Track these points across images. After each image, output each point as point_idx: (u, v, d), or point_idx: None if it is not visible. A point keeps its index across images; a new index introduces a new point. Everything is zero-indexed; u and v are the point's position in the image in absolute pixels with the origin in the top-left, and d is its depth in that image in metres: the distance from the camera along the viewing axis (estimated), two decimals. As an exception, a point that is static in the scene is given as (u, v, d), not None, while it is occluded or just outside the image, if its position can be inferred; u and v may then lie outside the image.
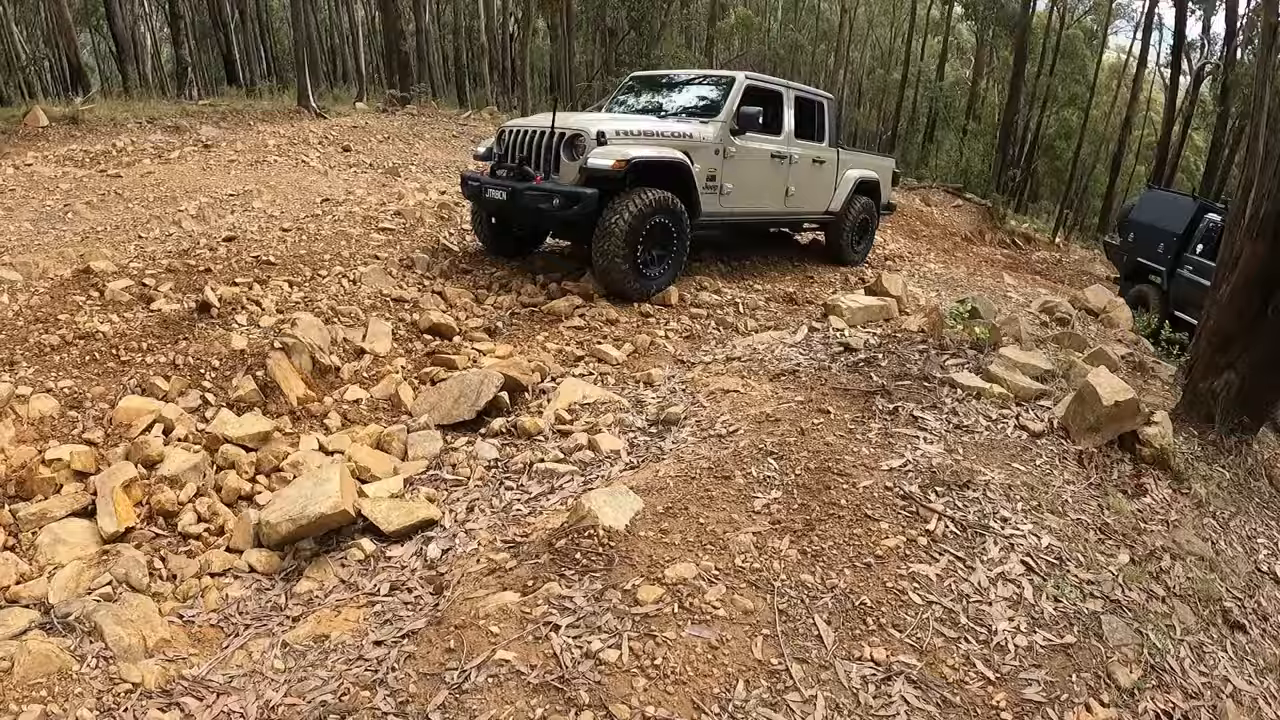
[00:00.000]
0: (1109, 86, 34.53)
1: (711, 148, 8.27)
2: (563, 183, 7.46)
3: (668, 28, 24.90)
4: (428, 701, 2.59)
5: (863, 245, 11.36)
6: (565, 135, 7.54)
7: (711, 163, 8.28)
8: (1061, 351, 5.78)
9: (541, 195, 7.35)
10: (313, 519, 3.84)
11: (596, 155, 7.19)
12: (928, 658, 2.81)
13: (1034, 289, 11.98)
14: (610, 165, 7.12)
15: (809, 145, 9.91)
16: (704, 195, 8.14)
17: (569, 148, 7.49)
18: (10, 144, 10.44)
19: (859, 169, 10.91)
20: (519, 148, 7.93)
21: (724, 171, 8.44)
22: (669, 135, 7.91)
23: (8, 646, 3.05)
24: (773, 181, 9.33)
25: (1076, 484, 3.96)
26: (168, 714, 2.80)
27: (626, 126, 7.67)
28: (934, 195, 18.78)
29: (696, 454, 4.14)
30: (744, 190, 8.79)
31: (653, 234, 7.55)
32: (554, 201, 7.25)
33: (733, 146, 8.49)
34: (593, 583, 3.03)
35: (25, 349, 5.22)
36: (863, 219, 11.03)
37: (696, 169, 7.97)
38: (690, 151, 7.95)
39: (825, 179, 10.34)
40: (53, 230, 7.43)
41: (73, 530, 3.96)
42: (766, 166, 9.15)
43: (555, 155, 7.56)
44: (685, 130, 8.13)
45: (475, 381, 5.30)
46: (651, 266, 7.72)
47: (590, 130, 7.38)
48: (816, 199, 10.30)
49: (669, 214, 7.64)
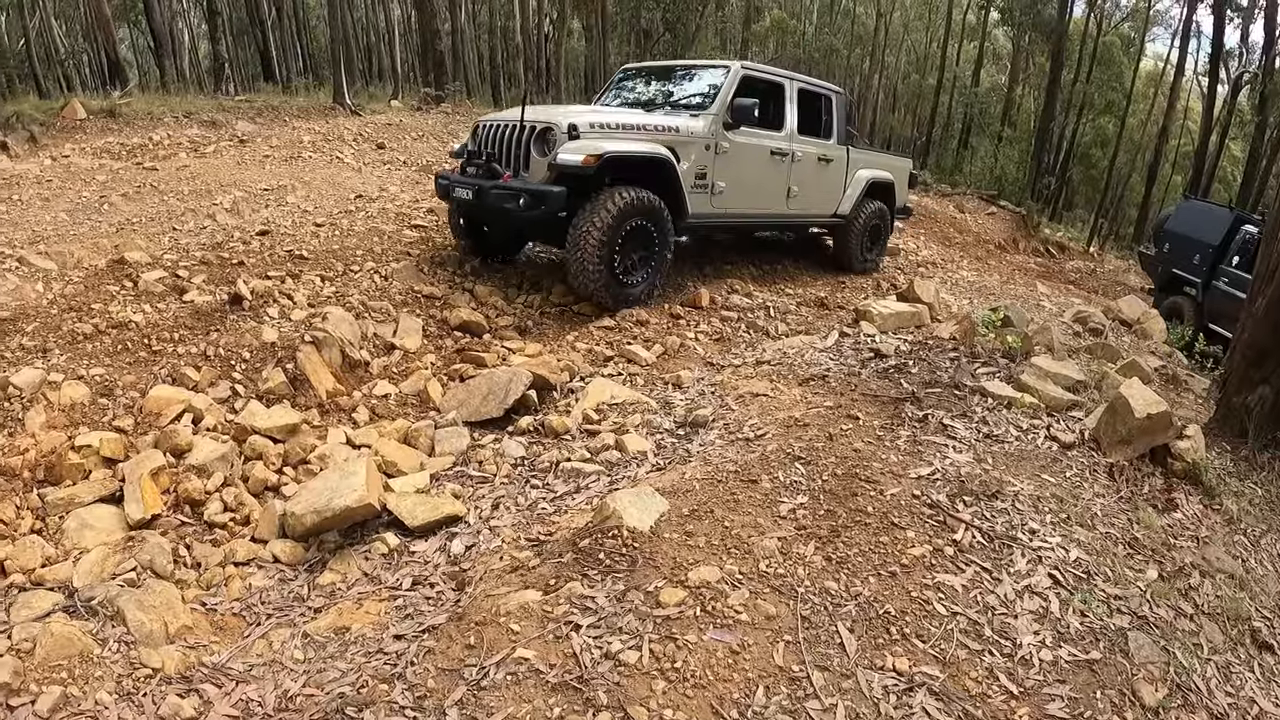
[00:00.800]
0: (1146, 94, 34.18)
1: (701, 143, 7.70)
2: (532, 180, 6.91)
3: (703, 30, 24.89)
4: (446, 697, 2.58)
5: (874, 253, 10.73)
6: (535, 129, 6.99)
7: (702, 159, 7.72)
8: (1094, 362, 5.71)
9: (507, 194, 6.81)
10: (338, 512, 3.87)
11: (567, 150, 6.64)
12: (951, 669, 2.78)
13: (1067, 298, 11.84)
14: (580, 161, 6.53)
15: (814, 142, 9.29)
16: (693, 195, 7.62)
17: (539, 142, 6.94)
18: (48, 136, 10.57)
19: (871, 169, 10.26)
20: (490, 143, 7.43)
21: (716, 169, 7.87)
22: (653, 129, 7.33)
23: (31, 628, 3.11)
24: (772, 181, 8.75)
25: (1106, 497, 3.91)
26: (186, 700, 2.82)
27: (604, 119, 7.10)
28: (968, 202, 18.59)
29: (724, 457, 4.12)
30: (739, 189, 8.22)
31: (631, 238, 7.05)
32: (519, 201, 6.70)
33: (726, 142, 7.91)
34: (615, 583, 3.02)
35: (58, 336, 5.29)
36: (875, 224, 10.38)
37: (683, 166, 7.45)
38: (677, 147, 7.40)
39: (833, 179, 9.70)
40: (88, 221, 7.51)
41: (100, 516, 4.02)
42: (765, 164, 8.57)
43: (525, 151, 7.03)
44: (672, 124, 7.57)
45: (504, 379, 5.30)
46: (631, 274, 7.24)
47: (561, 123, 6.83)
48: (823, 201, 9.67)
49: (649, 216, 7.12)
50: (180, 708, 2.76)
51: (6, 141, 9.86)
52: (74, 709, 2.75)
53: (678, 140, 7.43)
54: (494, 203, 6.90)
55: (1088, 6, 29.80)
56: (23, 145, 10.07)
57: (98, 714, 2.74)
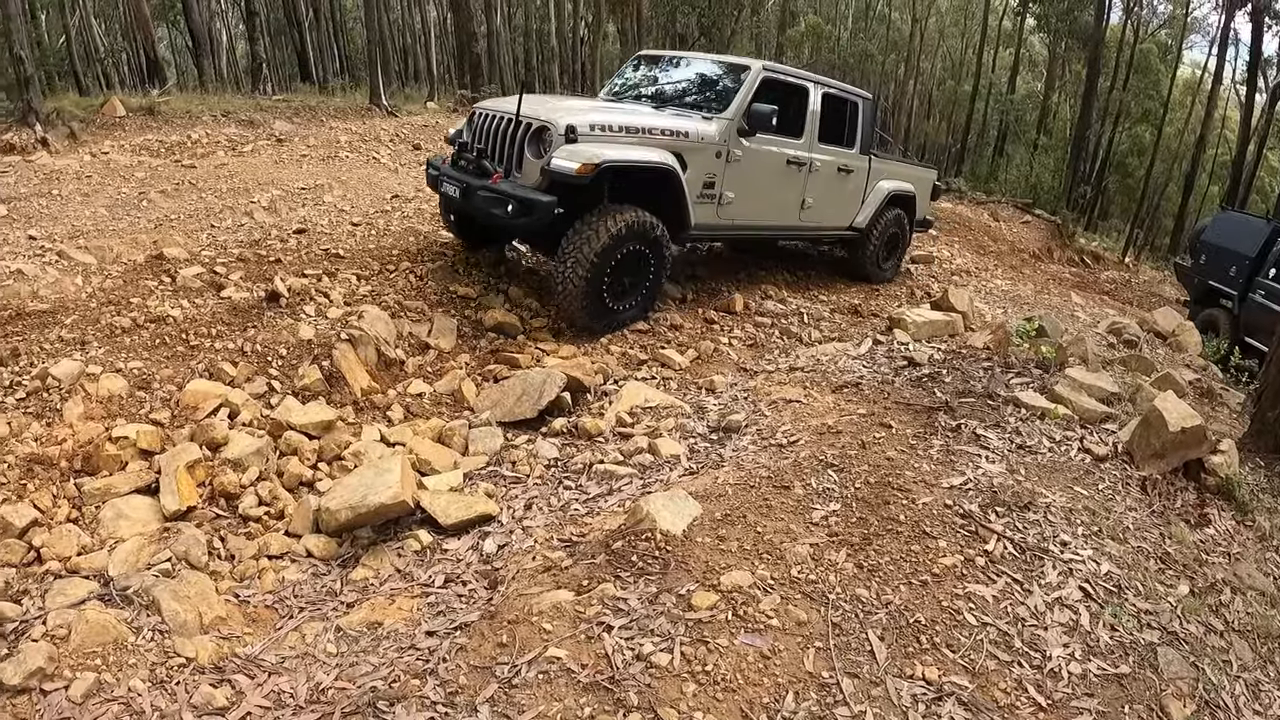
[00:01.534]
0: (1183, 103, 33.67)
1: (712, 149, 7.12)
2: (525, 183, 6.33)
3: (738, 35, 24.88)
4: (477, 694, 2.60)
5: (890, 263, 10.23)
6: (531, 126, 6.38)
7: (710, 167, 7.16)
8: (1128, 374, 5.65)
9: (494, 198, 6.27)
10: (372, 508, 3.90)
11: (561, 155, 6.03)
12: (980, 680, 2.77)
13: (1102, 309, 11.74)
14: (575, 169, 5.93)
15: (835, 151, 8.72)
16: (698, 205, 7.08)
17: (534, 142, 6.34)
18: (88, 132, 10.71)
19: (893, 180, 9.72)
20: (483, 136, 6.84)
21: (725, 177, 7.30)
22: (660, 133, 6.72)
23: (66, 614, 3.14)
24: (785, 192, 8.19)
25: (1139, 511, 3.88)
26: (219, 690, 2.85)
27: (607, 119, 6.47)
28: (1003, 210, 18.44)
29: (756, 462, 4.13)
30: (748, 200, 7.65)
31: (625, 263, 6.54)
32: (507, 208, 6.16)
33: (739, 149, 7.33)
34: (648, 585, 3.03)
35: (97, 330, 5.36)
36: (892, 233, 9.85)
37: (689, 175, 6.88)
38: (685, 153, 6.84)
39: (851, 191, 9.15)
40: (127, 216, 7.62)
41: (135, 506, 4.05)
42: (779, 174, 8.00)
43: (519, 150, 6.42)
44: (681, 127, 6.92)
45: (538, 381, 5.32)
46: (620, 298, 6.73)
47: (559, 123, 6.19)
48: (839, 213, 9.12)
49: (647, 241, 6.60)
50: (213, 697, 2.79)
51: (47, 137, 10.00)
52: (107, 695, 2.79)
53: (686, 146, 6.89)
54: (480, 205, 6.45)
55: (1125, 13, 29.43)
56: (63, 141, 10.21)
57: (131, 701, 2.77)
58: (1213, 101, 28.57)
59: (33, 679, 2.80)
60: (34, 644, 2.97)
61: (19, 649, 2.96)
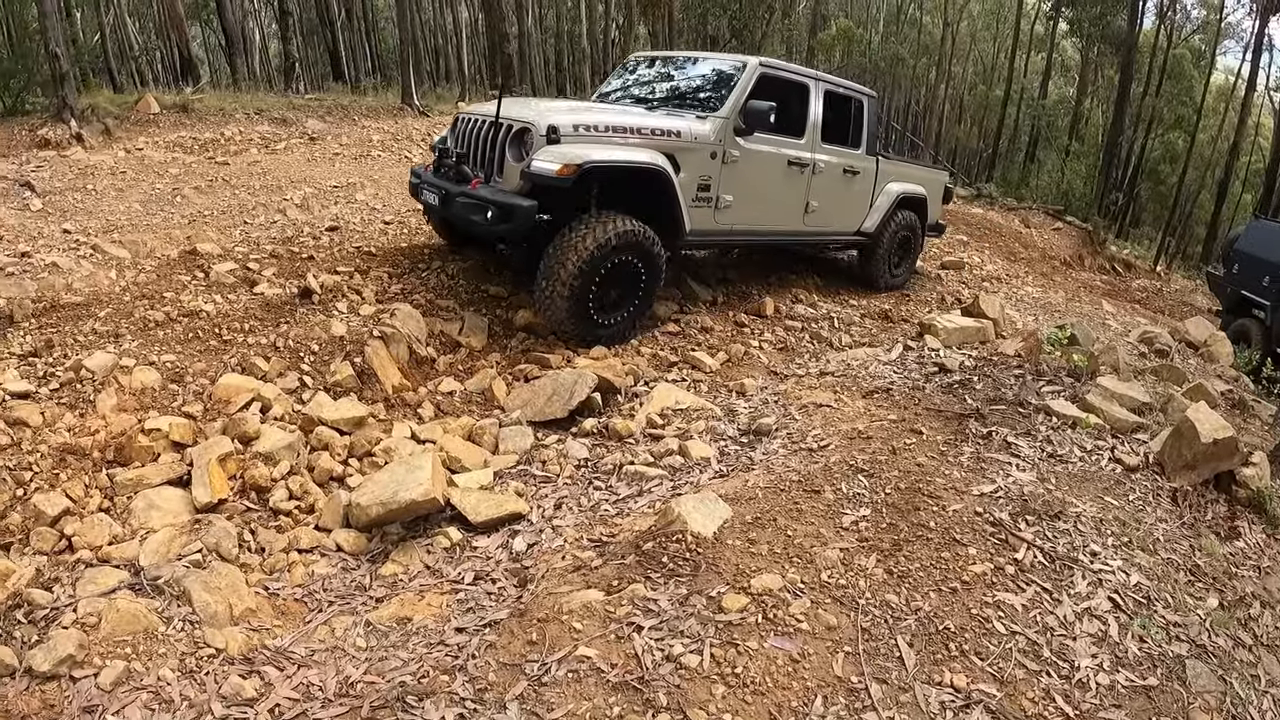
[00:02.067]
0: (1216, 109, 33.30)
1: (707, 150, 6.72)
2: (506, 188, 6.00)
3: (769, 37, 24.81)
4: (506, 691, 2.62)
5: (902, 269, 9.73)
6: (512, 128, 6.06)
7: (705, 169, 6.74)
8: (1159, 384, 5.61)
9: (473, 205, 5.95)
10: (403, 504, 3.91)
11: (542, 157, 5.68)
12: (1008, 688, 2.77)
13: (1133, 318, 11.61)
14: (556, 170, 5.58)
15: (840, 152, 8.29)
16: (693, 209, 6.67)
17: (515, 144, 6.01)
18: (122, 129, 10.82)
19: (902, 183, 9.28)
20: (465, 141, 6.55)
21: (722, 180, 6.89)
22: (650, 133, 6.32)
23: (97, 603, 3.19)
24: (787, 194, 7.78)
25: (1169, 522, 3.85)
26: (248, 681, 2.87)
27: (594, 120, 6.10)
28: (1034, 217, 18.28)
29: (787, 466, 4.13)
30: (747, 203, 7.24)
31: (613, 275, 6.13)
32: (486, 214, 5.83)
33: (736, 149, 6.92)
34: (678, 587, 3.04)
35: (130, 322, 5.42)
36: (903, 237, 9.38)
37: (683, 177, 6.48)
38: (677, 154, 6.43)
39: (858, 193, 8.72)
40: (161, 212, 7.70)
41: (167, 498, 4.09)
42: (780, 175, 7.59)
43: (500, 153, 6.09)
44: (673, 127, 6.53)
45: (569, 381, 5.30)
46: (607, 312, 6.31)
47: (539, 124, 5.85)
48: (845, 217, 8.69)
49: (637, 252, 6.19)
50: (242, 688, 2.81)
51: (82, 133, 10.13)
52: (136, 684, 2.82)
53: (678, 146, 6.48)
54: (459, 212, 6.14)
55: (1158, 18, 29.18)
56: (98, 137, 10.34)
57: (160, 690, 2.80)
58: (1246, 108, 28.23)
59: (62, 666, 2.84)
60: (64, 631, 3.01)
61: (49, 636, 3.00)
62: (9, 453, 4.22)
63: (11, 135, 9.95)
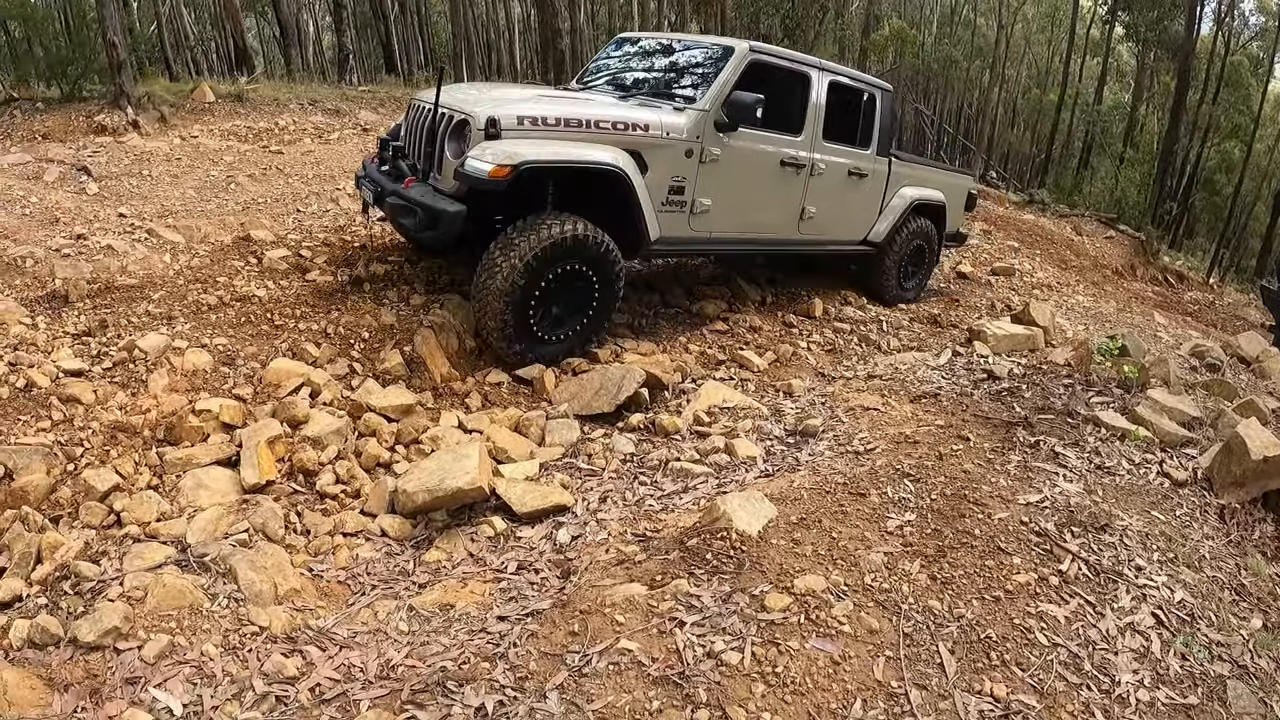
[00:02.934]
0: (1274, 119, 32.58)
1: (680, 147, 5.90)
2: (443, 188, 5.33)
3: (821, 37, 24.61)
4: (547, 680, 2.64)
5: (914, 281, 8.77)
6: (452, 120, 5.36)
7: (679, 168, 5.94)
8: (1210, 399, 5.51)
9: (400, 206, 5.35)
10: (449, 492, 3.95)
11: (476, 155, 5.00)
12: (1048, 700, 2.74)
13: (1184, 330, 11.39)
14: (488, 171, 4.90)
15: (845, 151, 7.40)
16: (662, 214, 5.92)
17: (455, 138, 5.32)
18: (178, 116, 10.99)
19: (918, 187, 8.33)
20: (411, 131, 5.91)
21: (700, 182, 6.09)
22: (612, 126, 5.52)
23: (143, 577, 3.24)
24: (778, 198, 6.91)
25: (1215, 539, 3.79)
26: (290, 660, 2.91)
27: (542, 111, 5.33)
28: (1086, 224, 17.97)
29: (832, 468, 4.11)
30: (730, 208, 6.43)
31: (559, 284, 5.44)
32: (415, 217, 5.24)
33: (716, 147, 6.10)
34: (721, 584, 3.04)
35: (183, 306, 5.53)
36: (916, 245, 8.47)
37: (651, 178, 5.73)
38: (645, 151, 5.67)
39: (865, 199, 7.81)
40: (215, 199, 7.82)
41: (215, 477, 4.16)
42: (770, 178, 6.73)
43: (440, 147, 5.43)
44: (640, 120, 5.71)
45: (617, 376, 5.30)
46: (555, 327, 5.61)
47: (478, 115, 5.13)
48: (848, 225, 7.79)
49: (588, 259, 5.48)
50: (284, 666, 2.86)
51: (138, 120, 10.31)
52: (179, 658, 2.87)
53: (646, 142, 5.69)
54: (390, 214, 5.59)
55: (1215, 24, 28.55)
56: (153, 124, 10.51)
57: (202, 665, 2.85)
58: (1305, 118, 27.60)
59: (107, 637, 2.90)
60: (110, 604, 3.07)
61: (95, 608, 3.07)
62: (61, 428, 4.32)
63: (69, 121, 10.15)
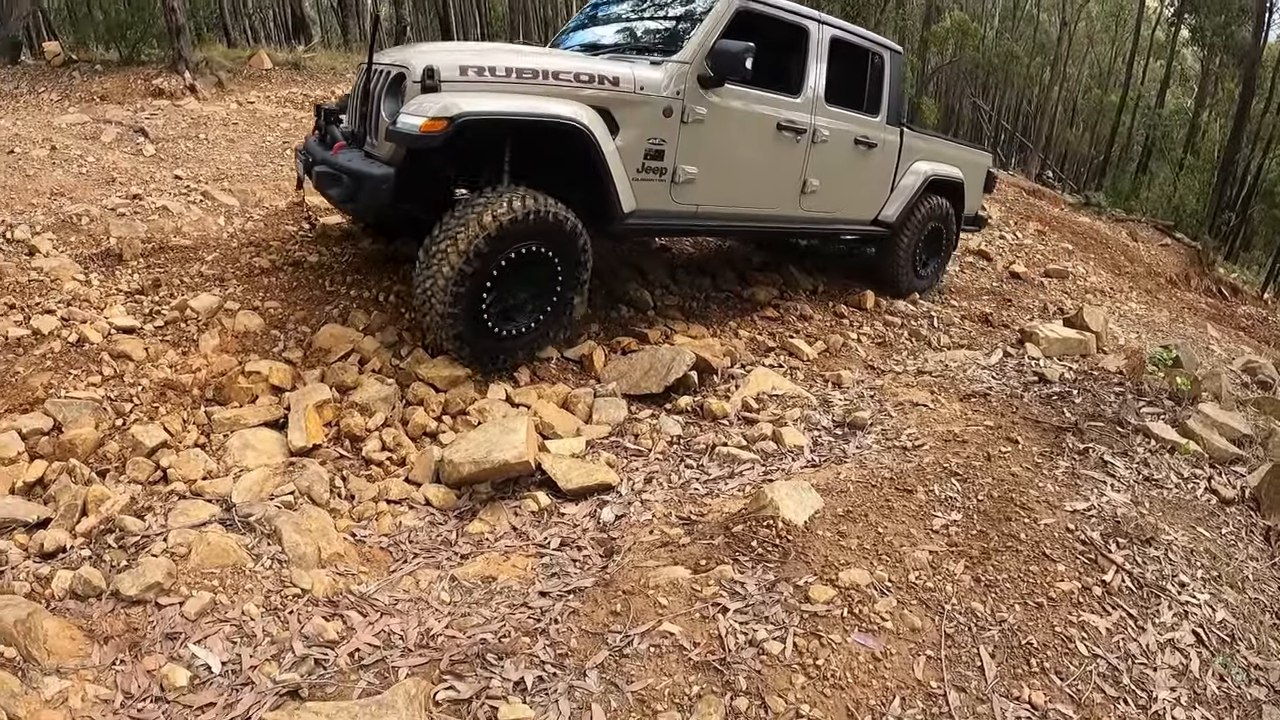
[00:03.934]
0: (1339, 132, 31.67)
1: (658, 104, 5.12)
2: (379, 153, 4.64)
3: (882, 27, 24.28)
4: (587, 658, 2.66)
5: (930, 268, 8.06)
6: (389, 75, 4.69)
7: (656, 129, 5.16)
8: (1261, 417, 5.41)
9: (327, 175, 4.73)
10: (495, 465, 3.96)
11: (411, 109, 4.31)
12: (1084, 712, 2.72)
13: (1237, 345, 11.17)
14: (419, 125, 4.20)
15: (851, 117, 6.54)
16: (639, 183, 5.16)
17: (391, 95, 4.63)
18: (235, 82, 11.11)
19: (934, 163, 7.53)
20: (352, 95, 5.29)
21: (682, 145, 5.30)
22: (574, 79, 4.75)
23: (187, 534, 3.28)
24: (775, 168, 6.07)
25: (1260, 561, 3.72)
26: (331, 623, 2.94)
27: (491, 61, 4.56)
28: (1142, 230, 17.63)
29: (879, 462, 4.09)
30: (718, 178, 5.63)
31: (516, 270, 4.71)
32: (341, 185, 4.60)
33: (701, 105, 5.31)
34: (766, 572, 3.05)
35: (236, 268, 5.59)
36: (933, 228, 7.71)
37: (622, 140, 4.97)
38: (614, 109, 4.91)
39: (875, 172, 6.99)
40: (271, 164, 7.88)
41: (262, 439, 4.20)
42: (765, 143, 5.90)
43: (375, 108, 4.73)
44: (609, 72, 4.94)
45: (667, 357, 5.27)
46: (509, 319, 4.89)
47: (414, 66, 4.43)
48: (856, 201, 6.96)
49: (549, 239, 4.74)
50: (324, 629, 2.89)
51: (195, 84, 10.46)
52: (220, 616, 2.91)
53: (616, 98, 4.92)
54: (317, 184, 4.95)
55: (1284, 31, 27.85)
56: (211, 89, 10.65)
57: (243, 624, 2.89)
58: (1371, 132, 26.84)
59: (149, 592, 2.95)
60: (154, 559, 3.13)
61: (138, 562, 3.12)
62: (111, 384, 4.40)
63: (127, 84, 10.30)
